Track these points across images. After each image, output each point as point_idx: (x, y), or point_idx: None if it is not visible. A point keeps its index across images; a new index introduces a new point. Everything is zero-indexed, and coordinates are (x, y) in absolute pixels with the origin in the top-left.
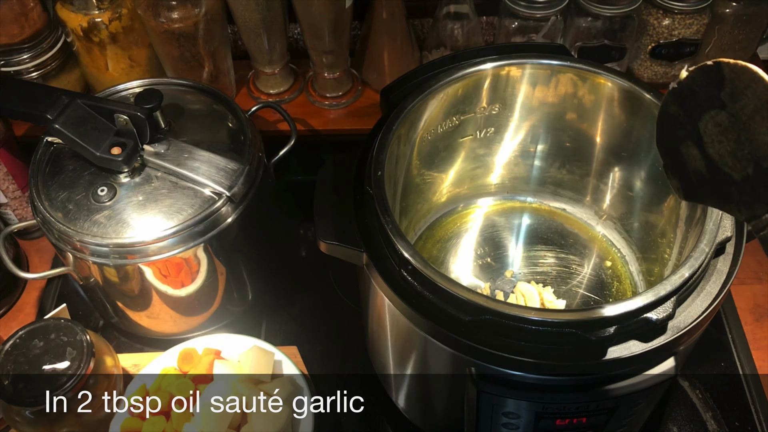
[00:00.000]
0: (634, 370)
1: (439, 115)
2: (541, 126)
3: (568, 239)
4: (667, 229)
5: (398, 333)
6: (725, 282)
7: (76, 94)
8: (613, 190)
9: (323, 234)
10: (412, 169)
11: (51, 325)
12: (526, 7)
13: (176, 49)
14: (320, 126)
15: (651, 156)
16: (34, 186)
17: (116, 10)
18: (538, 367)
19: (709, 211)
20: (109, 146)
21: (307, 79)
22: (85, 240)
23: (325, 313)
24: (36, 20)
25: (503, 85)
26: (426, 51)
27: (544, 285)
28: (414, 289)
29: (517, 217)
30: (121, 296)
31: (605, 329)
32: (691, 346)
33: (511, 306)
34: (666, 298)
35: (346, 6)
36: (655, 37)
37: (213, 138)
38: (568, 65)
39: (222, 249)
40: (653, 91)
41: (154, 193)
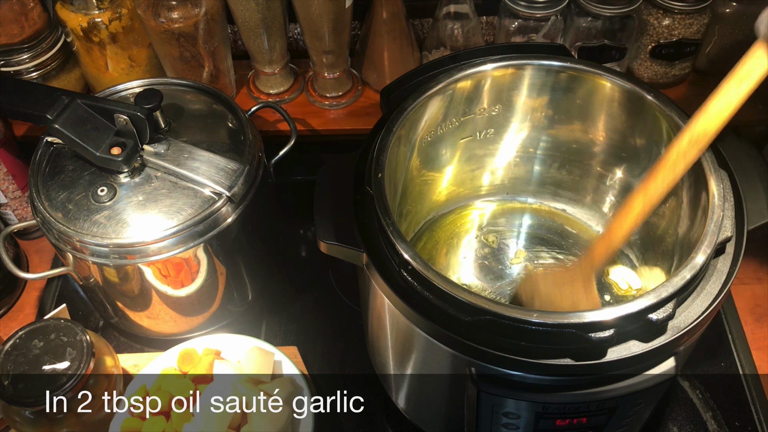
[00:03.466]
0: (634, 371)
1: (439, 116)
2: (541, 126)
3: (568, 240)
4: (668, 229)
5: (398, 333)
6: (725, 282)
7: (76, 94)
8: (614, 191)
9: (323, 234)
10: (412, 169)
11: (51, 325)
12: (526, 7)
13: (176, 49)
14: (320, 126)
15: (651, 156)
16: (33, 186)
17: (116, 10)
18: (538, 368)
19: (710, 212)
20: (109, 146)
21: (307, 79)
22: (85, 240)
23: (325, 313)
24: (36, 20)
25: (503, 85)
26: (426, 51)
27: None
28: (414, 289)
29: (517, 218)
30: (121, 296)
31: (606, 330)
32: (692, 346)
33: (511, 307)
34: (667, 300)
35: (346, 6)
36: (655, 37)
37: (213, 138)
38: (569, 66)
39: (222, 249)
40: (654, 92)
41: (154, 193)
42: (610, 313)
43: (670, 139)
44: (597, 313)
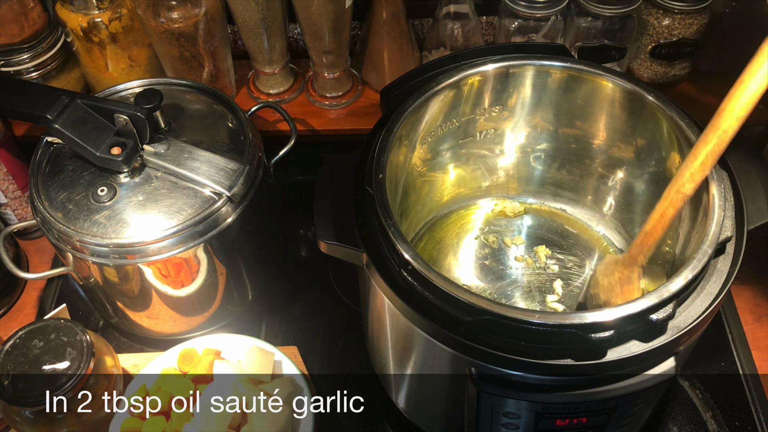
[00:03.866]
0: (634, 370)
1: (439, 116)
2: (541, 127)
3: (568, 240)
4: (669, 229)
5: (398, 333)
6: (725, 282)
7: (76, 94)
8: (614, 191)
9: (323, 234)
10: (412, 169)
11: (51, 325)
12: (526, 7)
13: (176, 49)
14: (320, 126)
15: (652, 156)
16: (33, 186)
17: (116, 10)
18: (538, 368)
19: (711, 212)
20: (109, 146)
21: (307, 79)
22: (85, 240)
23: (325, 313)
24: (36, 20)
25: (504, 86)
26: (426, 51)
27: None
28: (414, 289)
29: (517, 218)
30: (121, 296)
31: (606, 331)
32: (692, 346)
33: (511, 307)
34: (668, 300)
35: (346, 6)
36: (655, 37)
37: (213, 138)
38: (569, 66)
39: (222, 249)
40: (654, 92)
41: (154, 193)
42: (610, 313)
43: (670, 139)
44: (597, 314)
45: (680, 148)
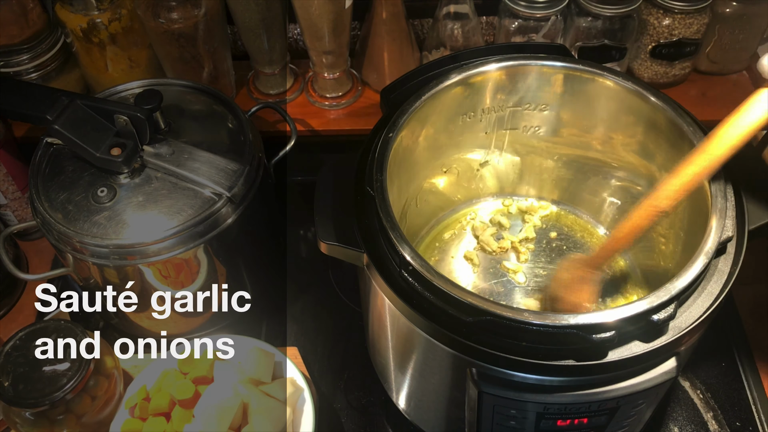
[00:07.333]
0: (636, 371)
1: (439, 117)
2: (541, 127)
3: (570, 241)
4: (669, 230)
5: (399, 334)
6: (726, 282)
7: (76, 95)
8: (614, 191)
9: (323, 234)
10: (412, 169)
11: (51, 326)
12: (526, 7)
13: (176, 49)
14: (320, 126)
15: (651, 156)
16: (33, 187)
17: (116, 11)
18: (539, 368)
19: (712, 213)
20: (108, 147)
21: (307, 80)
22: (85, 241)
23: (325, 313)
24: (36, 21)
25: (504, 86)
26: (426, 51)
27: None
28: (415, 290)
29: (518, 219)
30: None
31: (607, 331)
32: (693, 346)
33: (512, 308)
34: (669, 301)
35: (345, 6)
36: (656, 37)
37: (213, 138)
38: (569, 66)
39: (222, 249)
40: (655, 92)
41: (154, 193)
42: (611, 314)
43: (670, 139)
44: (599, 315)
45: (680, 148)
